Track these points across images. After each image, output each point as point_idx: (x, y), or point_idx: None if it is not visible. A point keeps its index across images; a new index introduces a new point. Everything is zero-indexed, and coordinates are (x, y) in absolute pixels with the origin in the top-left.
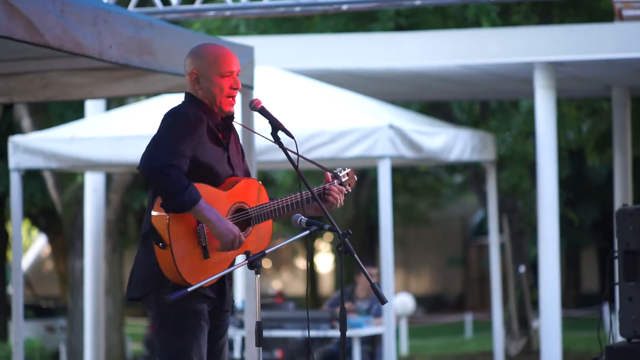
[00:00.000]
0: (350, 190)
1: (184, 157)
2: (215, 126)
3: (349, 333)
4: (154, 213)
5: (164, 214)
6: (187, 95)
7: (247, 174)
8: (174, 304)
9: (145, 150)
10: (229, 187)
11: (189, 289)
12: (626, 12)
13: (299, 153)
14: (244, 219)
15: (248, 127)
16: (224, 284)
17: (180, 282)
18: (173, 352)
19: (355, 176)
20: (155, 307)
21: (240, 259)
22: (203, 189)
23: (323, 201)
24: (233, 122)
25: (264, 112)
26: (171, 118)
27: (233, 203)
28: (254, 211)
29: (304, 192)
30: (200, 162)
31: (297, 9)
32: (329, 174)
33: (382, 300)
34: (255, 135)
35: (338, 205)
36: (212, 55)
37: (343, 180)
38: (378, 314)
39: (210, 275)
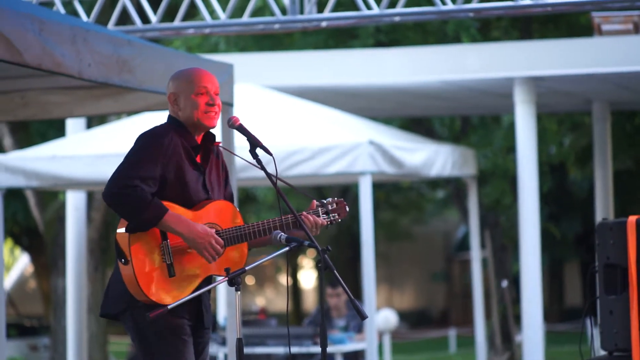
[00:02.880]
0: (339, 220)
1: (150, 178)
2: (192, 148)
3: (331, 349)
4: (118, 230)
5: (125, 232)
6: (168, 117)
7: (230, 199)
8: (152, 322)
9: (110, 177)
10: (199, 208)
11: (169, 307)
12: (605, 27)
13: (278, 170)
14: None
15: (227, 149)
16: (200, 302)
17: (144, 299)
18: None
19: (346, 207)
20: (132, 326)
21: (218, 277)
22: (170, 207)
23: (299, 227)
24: (218, 146)
25: (242, 130)
26: (140, 140)
27: (203, 224)
28: (225, 233)
29: (281, 218)
30: (171, 182)
31: (277, 26)
32: (315, 202)
33: (362, 316)
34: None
35: (312, 233)
36: (188, 76)
37: (329, 208)
38: (357, 330)
39: (178, 293)
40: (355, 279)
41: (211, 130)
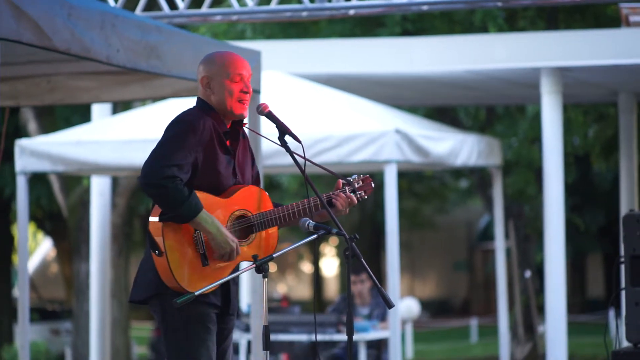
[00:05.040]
0: (365, 197)
1: (184, 165)
2: (222, 133)
3: (354, 337)
4: (150, 219)
5: (159, 221)
6: (198, 100)
7: (257, 179)
8: (179, 308)
9: (145, 163)
10: (229, 195)
11: (196, 293)
12: (633, 18)
13: (306, 157)
14: (245, 226)
15: (255, 131)
16: (229, 289)
17: (178, 289)
18: (182, 356)
19: (372, 183)
20: (160, 311)
21: (245, 264)
22: (202, 197)
23: (330, 207)
24: (244, 128)
25: (271, 117)
26: (174, 126)
27: (233, 211)
28: (256, 219)
29: (309, 200)
30: (203, 168)
31: (304, 13)
32: (341, 181)
33: (389, 304)
34: (262, 139)
35: (342, 213)
36: (222, 60)
37: (356, 186)
38: (381, 318)
39: (211, 281)
40: (378, 267)
41: None
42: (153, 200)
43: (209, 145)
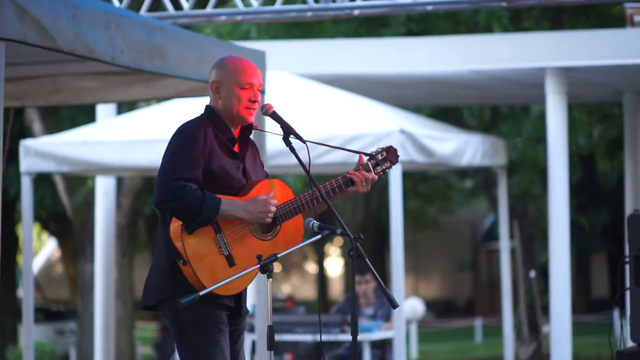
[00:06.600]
0: (391, 167)
1: (194, 173)
2: (229, 140)
3: (359, 337)
4: (171, 226)
5: (179, 229)
6: (206, 108)
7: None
8: (191, 311)
9: (155, 184)
10: (246, 192)
11: (201, 293)
12: (637, 18)
13: (310, 158)
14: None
15: (260, 128)
16: (240, 292)
17: (212, 295)
18: (197, 358)
19: (397, 153)
20: (170, 315)
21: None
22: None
23: (352, 186)
24: (254, 130)
25: (275, 117)
26: (176, 139)
27: None
28: (279, 210)
29: (325, 185)
30: (213, 173)
31: (309, 14)
32: (363, 156)
33: (393, 304)
34: (267, 139)
35: (362, 190)
36: (234, 66)
37: (379, 158)
38: (385, 318)
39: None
40: (382, 267)
41: None
42: (175, 216)
43: (213, 152)
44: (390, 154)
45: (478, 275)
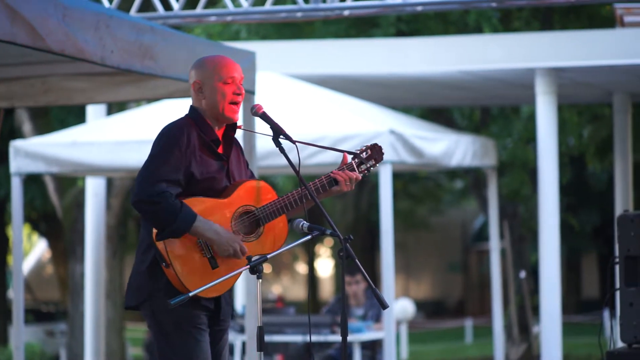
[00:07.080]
0: (376, 165)
1: (173, 179)
2: (212, 141)
3: (349, 338)
4: (154, 229)
5: (156, 241)
6: (190, 108)
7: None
8: (169, 311)
9: (135, 183)
10: (229, 194)
11: (190, 294)
12: (627, 19)
13: (300, 158)
14: (252, 221)
15: (249, 129)
16: (219, 296)
17: (195, 297)
18: (178, 358)
19: (382, 150)
20: (150, 315)
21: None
22: (201, 202)
23: (335, 185)
24: (238, 129)
25: (265, 118)
26: (159, 141)
27: (236, 208)
28: (260, 212)
29: (310, 184)
30: (195, 175)
31: (299, 14)
32: (347, 155)
33: (383, 305)
34: (257, 140)
35: (345, 189)
36: (213, 64)
37: (364, 157)
38: (375, 319)
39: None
40: (372, 268)
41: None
42: (147, 219)
43: (196, 154)
44: (374, 152)
45: (468, 275)
